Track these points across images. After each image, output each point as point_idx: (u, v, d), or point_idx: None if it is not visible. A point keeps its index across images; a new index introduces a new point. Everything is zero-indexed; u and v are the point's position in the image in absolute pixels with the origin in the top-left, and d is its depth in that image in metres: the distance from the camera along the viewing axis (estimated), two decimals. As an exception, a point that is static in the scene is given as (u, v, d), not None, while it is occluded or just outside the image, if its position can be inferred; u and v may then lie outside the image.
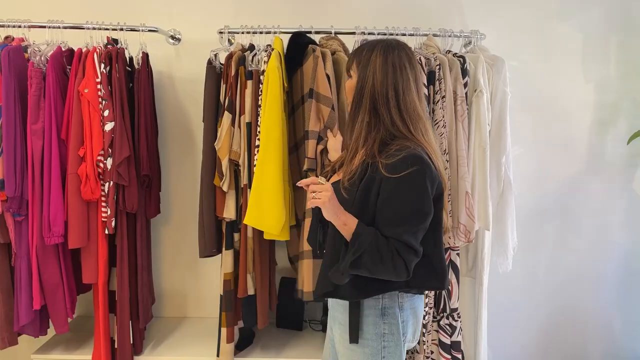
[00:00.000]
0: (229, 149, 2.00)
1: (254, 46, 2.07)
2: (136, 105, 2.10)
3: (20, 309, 1.97)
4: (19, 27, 2.05)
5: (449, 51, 2.10)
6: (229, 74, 2.01)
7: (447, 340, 2.09)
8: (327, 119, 1.89)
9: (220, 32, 2.12)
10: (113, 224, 1.99)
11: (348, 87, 1.49)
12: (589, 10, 2.44)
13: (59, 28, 2.06)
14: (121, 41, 2.12)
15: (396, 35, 2.05)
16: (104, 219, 1.99)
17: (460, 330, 2.10)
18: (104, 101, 1.96)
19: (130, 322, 2.12)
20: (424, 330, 2.05)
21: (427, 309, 2.03)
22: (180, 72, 2.45)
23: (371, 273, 1.32)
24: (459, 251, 2.08)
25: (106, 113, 1.96)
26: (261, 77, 1.95)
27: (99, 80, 1.96)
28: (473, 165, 2.01)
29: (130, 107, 2.07)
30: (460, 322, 2.11)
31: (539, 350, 2.64)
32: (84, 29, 2.08)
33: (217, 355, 2.11)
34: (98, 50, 1.99)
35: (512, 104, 2.10)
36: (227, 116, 2.00)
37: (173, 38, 2.40)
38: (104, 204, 1.99)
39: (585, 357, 2.64)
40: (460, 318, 2.11)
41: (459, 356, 2.09)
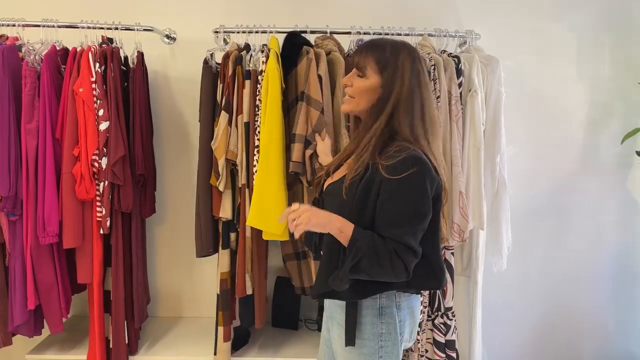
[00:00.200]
0: (225, 148, 1.99)
1: (249, 46, 2.06)
2: (131, 104, 2.10)
3: (14, 309, 1.97)
4: (13, 26, 2.04)
5: (444, 51, 2.11)
6: (226, 74, 2.01)
7: (442, 339, 2.09)
8: (316, 123, 1.88)
9: (216, 32, 2.12)
10: (108, 223, 1.99)
11: (362, 87, 1.40)
12: (582, 10, 2.45)
13: (53, 27, 2.05)
14: (116, 40, 2.11)
15: (391, 35, 2.06)
16: (99, 219, 1.98)
17: (455, 329, 2.11)
18: (98, 100, 1.96)
19: (126, 322, 2.12)
20: (418, 329, 2.05)
21: (422, 308, 2.04)
22: (176, 72, 2.44)
23: (370, 276, 1.31)
24: (453, 250, 2.09)
25: (101, 112, 1.96)
26: (259, 78, 1.95)
27: (93, 79, 1.95)
28: (467, 165, 2.02)
29: (125, 107, 2.07)
30: (455, 321, 2.11)
31: (533, 349, 2.65)
32: (78, 28, 2.07)
33: (215, 354, 2.11)
34: (93, 50, 1.98)
35: (507, 104, 2.11)
36: (224, 116, 1.99)
37: (168, 37, 2.39)
38: (98, 203, 1.98)
39: (579, 357, 2.66)
40: (454, 317, 2.11)
41: (454, 355, 2.10)
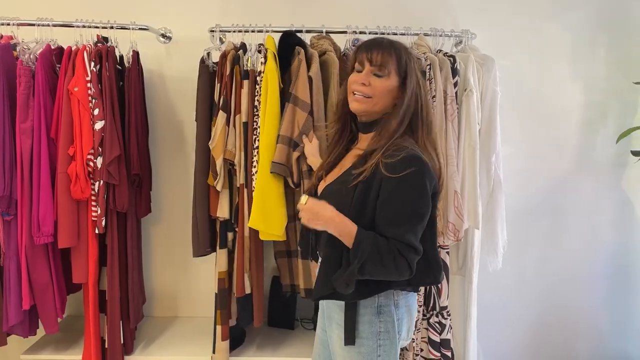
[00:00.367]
0: (223, 148, 1.98)
1: (245, 45, 2.06)
2: (126, 103, 2.09)
3: (9, 309, 1.96)
4: (8, 25, 2.03)
5: (440, 50, 2.11)
6: (223, 73, 2.00)
7: (437, 338, 2.10)
8: (303, 125, 1.87)
9: (212, 31, 2.11)
10: (103, 223, 1.98)
11: (384, 87, 1.39)
12: (578, 10, 2.46)
13: (48, 26, 2.04)
14: (111, 39, 2.10)
15: (387, 34, 2.06)
16: (94, 218, 1.98)
17: (450, 328, 2.11)
18: (94, 100, 1.95)
19: (121, 322, 2.11)
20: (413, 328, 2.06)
21: (417, 307, 2.04)
22: (171, 71, 2.44)
23: (374, 277, 1.32)
24: (448, 249, 2.09)
25: (96, 112, 1.95)
26: (258, 78, 1.95)
27: (88, 78, 1.95)
28: (463, 164, 2.03)
29: (120, 106, 2.06)
30: (450, 320, 2.12)
31: (528, 349, 2.66)
32: (73, 27, 2.06)
33: (213, 352, 2.11)
34: (88, 49, 1.98)
35: (502, 103, 2.11)
36: (222, 115, 1.98)
37: (164, 36, 2.39)
38: (94, 203, 1.98)
39: (574, 356, 2.66)
40: (449, 316, 2.12)
41: (449, 354, 2.11)
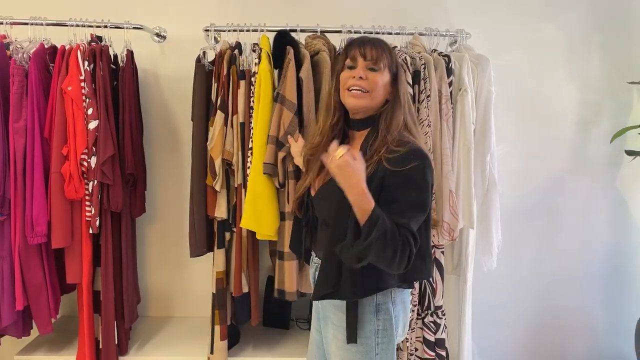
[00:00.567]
0: (222, 148, 1.98)
1: (240, 44, 2.05)
2: (121, 103, 2.08)
3: (2, 310, 1.95)
4: (1, 24, 2.02)
5: (435, 50, 2.11)
6: (220, 73, 1.99)
7: (432, 338, 2.10)
8: (289, 125, 1.85)
9: (206, 30, 2.11)
10: (97, 223, 1.97)
11: (381, 81, 1.41)
12: (572, 10, 2.46)
13: (41, 25, 2.03)
14: (105, 38, 2.09)
15: (382, 34, 2.06)
16: (88, 218, 1.97)
17: (445, 327, 2.12)
18: (87, 99, 1.94)
19: (115, 322, 2.11)
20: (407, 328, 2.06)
21: (412, 307, 2.04)
22: (166, 70, 2.43)
23: (375, 258, 1.26)
24: (443, 249, 2.09)
25: (90, 111, 1.94)
26: (252, 79, 1.94)
27: (82, 78, 1.94)
28: (458, 164, 2.03)
29: (114, 105, 2.05)
30: (445, 320, 2.12)
31: (524, 348, 2.66)
32: (67, 26, 2.05)
33: (211, 352, 2.10)
34: (82, 48, 1.97)
35: (497, 103, 2.12)
36: (220, 115, 1.98)
37: (158, 36, 2.38)
38: (88, 203, 1.97)
39: (569, 356, 2.67)
40: (444, 315, 2.12)
41: (443, 353, 2.11)
